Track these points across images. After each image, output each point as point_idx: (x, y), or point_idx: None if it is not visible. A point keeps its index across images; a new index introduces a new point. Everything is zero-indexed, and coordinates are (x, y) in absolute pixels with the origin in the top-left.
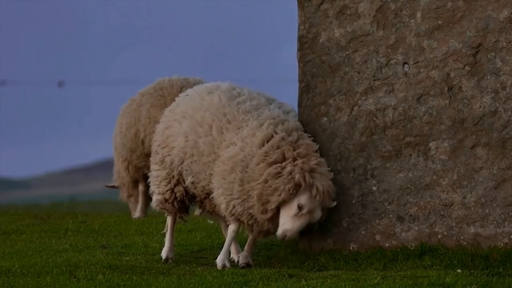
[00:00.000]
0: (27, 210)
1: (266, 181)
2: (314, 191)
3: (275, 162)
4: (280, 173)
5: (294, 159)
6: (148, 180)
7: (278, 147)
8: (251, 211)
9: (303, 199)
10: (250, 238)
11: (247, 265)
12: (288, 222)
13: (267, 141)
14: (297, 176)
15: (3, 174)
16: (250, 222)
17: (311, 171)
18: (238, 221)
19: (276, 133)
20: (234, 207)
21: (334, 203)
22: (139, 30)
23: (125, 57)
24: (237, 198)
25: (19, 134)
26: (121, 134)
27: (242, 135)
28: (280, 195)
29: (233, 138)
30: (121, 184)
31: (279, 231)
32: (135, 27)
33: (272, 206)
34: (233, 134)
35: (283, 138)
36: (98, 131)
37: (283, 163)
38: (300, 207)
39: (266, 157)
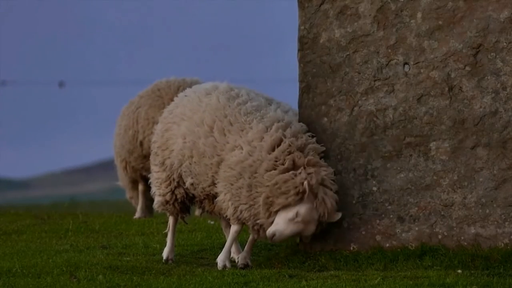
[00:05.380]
0: (28, 211)
1: (275, 184)
2: (321, 208)
3: (286, 170)
4: (293, 179)
5: (305, 167)
6: (149, 181)
7: (288, 153)
8: (257, 217)
9: (303, 208)
10: (250, 238)
11: (246, 266)
12: (281, 224)
13: (277, 146)
14: (309, 184)
15: (3, 174)
16: (256, 227)
17: (322, 183)
18: (243, 224)
19: (285, 136)
20: (241, 212)
21: (339, 216)
22: (140, 30)
23: (127, 57)
24: (245, 204)
25: (19, 134)
26: (120, 136)
27: (247, 138)
28: (287, 198)
29: (238, 140)
30: (123, 185)
31: (270, 230)
32: (136, 27)
33: (276, 208)
34: (237, 136)
35: (292, 143)
36: (98, 131)
37: (297, 171)
38: (297, 214)
39: (277, 164)
